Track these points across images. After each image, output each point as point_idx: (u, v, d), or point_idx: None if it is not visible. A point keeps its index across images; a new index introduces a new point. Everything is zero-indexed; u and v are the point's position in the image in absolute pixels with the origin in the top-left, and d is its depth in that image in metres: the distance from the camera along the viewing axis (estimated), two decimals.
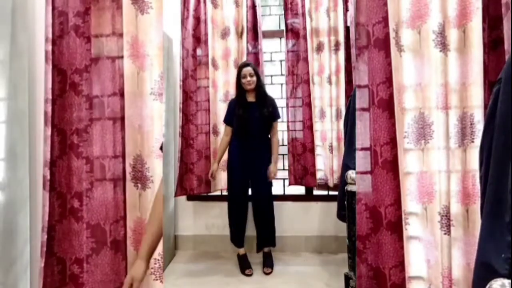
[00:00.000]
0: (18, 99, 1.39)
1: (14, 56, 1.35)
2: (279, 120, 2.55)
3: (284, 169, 2.78)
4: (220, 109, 2.72)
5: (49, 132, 1.25)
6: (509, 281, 0.67)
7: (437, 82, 1.28)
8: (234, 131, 2.49)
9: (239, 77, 2.44)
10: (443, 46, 1.27)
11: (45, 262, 1.19)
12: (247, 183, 2.48)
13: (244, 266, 2.43)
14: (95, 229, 1.24)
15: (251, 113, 2.42)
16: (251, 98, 2.47)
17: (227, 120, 2.51)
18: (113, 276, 1.27)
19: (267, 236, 2.49)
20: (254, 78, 2.41)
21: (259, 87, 2.44)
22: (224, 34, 2.72)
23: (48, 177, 1.22)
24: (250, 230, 2.59)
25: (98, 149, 1.23)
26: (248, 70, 2.40)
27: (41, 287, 1.20)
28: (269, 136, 2.51)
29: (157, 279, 1.27)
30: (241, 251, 2.53)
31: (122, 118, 1.26)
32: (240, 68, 2.45)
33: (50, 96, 1.24)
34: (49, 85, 1.25)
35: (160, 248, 1.25)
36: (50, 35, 1.24)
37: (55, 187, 1.20)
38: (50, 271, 1.19)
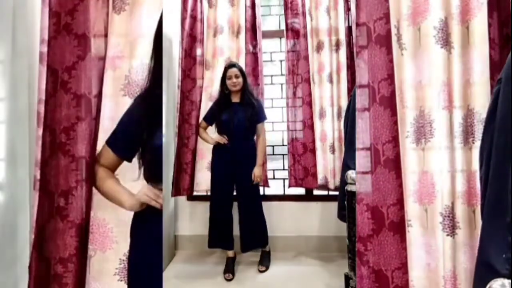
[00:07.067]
0: (18, 99, 1.39)
1: (14, 57, 1.36)
2: (266, 121, 2.45)
3: (284, 169, 2.77)
4: None
5: (40, 133, 1.23)
6: (510, 281, 0.67)
7: (440, 80, 1.25)
8: (218, 132, 2.45)
9: (224, 77, 2.39)
10: (446, 42, 1.25)
11: (37, 263, 1.17)
12: (231, 185, 2.39)
13: (227, 269, 2.35)
14: (80, 228, 1.22)
15: (235, 115, 2.36)
16: (235, 99, 2.42)
17: (206, 117, 2.49)
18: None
19: (256, 237, 2.45)
20: (240, 80, 2.35)
21: (245, 88, 2.39)
22: (216, 33, 2.71)
23: (38, 177, 1.20)
24: (237, 231, 2.50)
25: (83, 147, 1.21)
26: (233, 71, 2.35)
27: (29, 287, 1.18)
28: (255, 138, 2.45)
29: (121, 280, 1.26)
30: (230, 253, 2.46)
31: (98, 118, 1.26)
32: (225, 68, 2.41)
33: (43, 97, 1.23)
34: (43, 86, 1.24)
35: (126, 249, 1.23)
36: (46, 37, 1.23)
37: (46, 186, 1.18)
38: (38, 273, 1.17)
